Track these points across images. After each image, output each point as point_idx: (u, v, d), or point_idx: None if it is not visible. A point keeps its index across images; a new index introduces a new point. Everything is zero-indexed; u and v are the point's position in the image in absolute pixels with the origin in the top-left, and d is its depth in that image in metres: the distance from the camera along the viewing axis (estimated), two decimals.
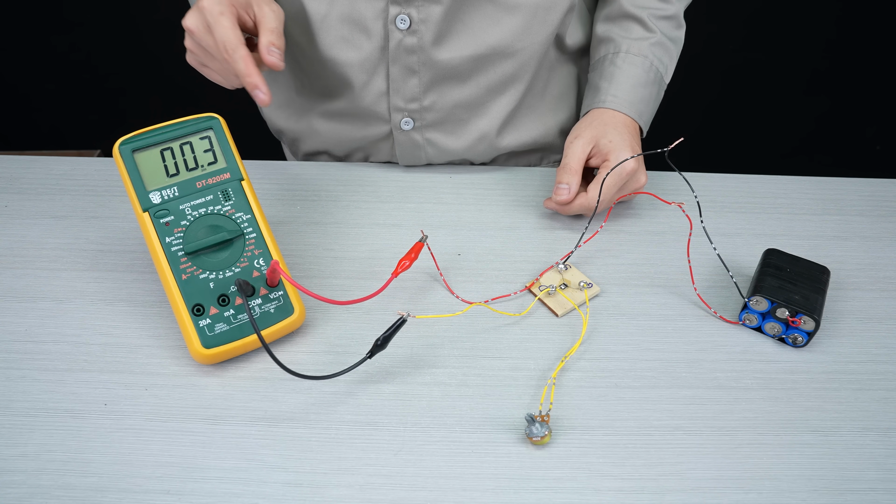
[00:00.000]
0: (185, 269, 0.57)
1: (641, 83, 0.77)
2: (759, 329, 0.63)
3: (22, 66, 1.80)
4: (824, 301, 0.62)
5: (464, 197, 0.77)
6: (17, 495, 0.50)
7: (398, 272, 0.61)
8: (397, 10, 0.71)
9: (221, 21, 0.61)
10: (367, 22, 0.72)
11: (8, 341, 0.61)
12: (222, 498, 0.50)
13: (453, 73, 0.76)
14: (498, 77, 0.78)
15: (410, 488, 0.51)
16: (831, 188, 0.80)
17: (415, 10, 0.71)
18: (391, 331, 0.56)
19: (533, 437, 0.53)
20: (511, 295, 0.66)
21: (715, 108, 1.83)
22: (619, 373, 0.60)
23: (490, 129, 0.81)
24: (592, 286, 0.66)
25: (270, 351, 0.54)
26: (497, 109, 0.80)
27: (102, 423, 0.55)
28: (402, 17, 0.71)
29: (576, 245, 0.70)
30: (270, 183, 0.78)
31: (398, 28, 0.72)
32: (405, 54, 0.74)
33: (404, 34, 0.72)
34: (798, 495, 0.52)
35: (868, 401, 0.58)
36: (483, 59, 0.75)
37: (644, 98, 0.77)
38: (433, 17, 0.72)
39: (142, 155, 0.58)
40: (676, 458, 0.54)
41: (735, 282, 0.65)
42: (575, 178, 0.71)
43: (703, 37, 1.23)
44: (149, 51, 1.74)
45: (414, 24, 0.72)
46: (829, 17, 1.75)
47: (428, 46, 0.73)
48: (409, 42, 0.73)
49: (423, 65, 0.75)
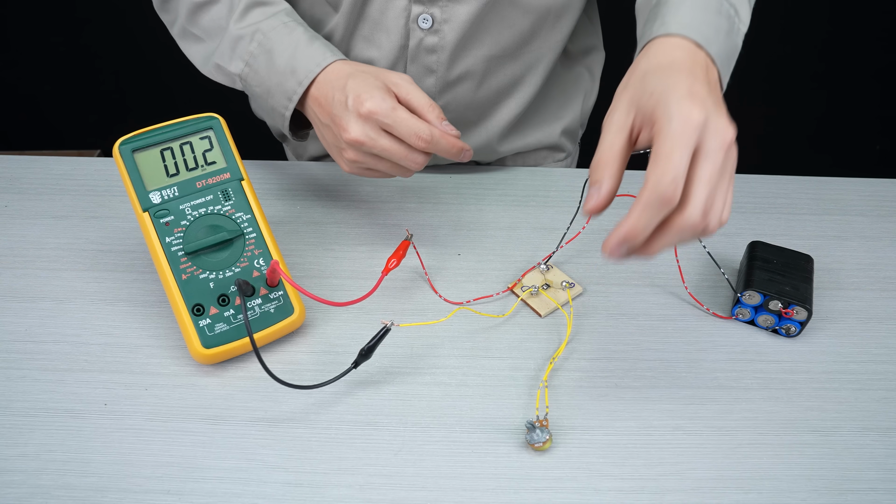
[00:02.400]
0: (185, 269, 0.57)
1: (701, 6, 0.53)
2: (751, 322, 0.64)
3: (22, 66, 1.80)
4: (813, 289, 0.63)
5: (464, 197, 0.77)
6: (17, 495, 0.50)
7: (387, 271, 0.61)
8: (420, 10, 0.70)
9: (400, 114, 0.59)
10: (387, 21, 0.72)
11: (8, 341, 0.61)
12: (222, 498, 0.50)
13: (469, 74, 0.76)
14: (508, 79, 0.78)
15: (410, 488, 0.51)
16: (831, 188, 0.80)
17: (438, 9, 0.70)
18: (375, 340, 0.56)
19: (535, 444, 0.53)
20: (493, 296, 0.66)
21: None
22: (619, 373, 0.60)
23: (497, 132, 0.81)
24: (575, 286, 0.66)
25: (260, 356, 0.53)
26: (505, 112, 0.80)
27: (102, 423, 0.55)
28: (424, 16, 0.71)
29: (557, 245, 0.70)
30: (270, 183, 0.78)
31: (420, 27, 0.71)
32: (425, 54, 0.73)
33: (426, 34, 0.72)
34: (798, 495, 0.52)
35: (868, 401, 0.58)
36: (496, 60, 0.75)
37: (710, 23, 0.53)
38: (458, 17, 0.71)
39: (142, 155, 0.58)
40: (676, 458, 0.54)
41: (727, 278, 0.65)
42: (609, 172, 0.47)
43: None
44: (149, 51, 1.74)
45: (436, 23, 0.71)
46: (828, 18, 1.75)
47: (449, 46, 0.73)
48: (429, 42, 0.72)
49: (442, 65, 0.74)
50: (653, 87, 0.47)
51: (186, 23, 0.70)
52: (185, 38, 0.72)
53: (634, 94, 0.48)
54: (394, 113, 0.58)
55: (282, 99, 0.64)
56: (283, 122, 0.66)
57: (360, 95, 0.59)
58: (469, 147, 0.62)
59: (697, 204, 0.44)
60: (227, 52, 0.67)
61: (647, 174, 0.44)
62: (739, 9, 0.58)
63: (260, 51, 0.65)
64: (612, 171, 0.47)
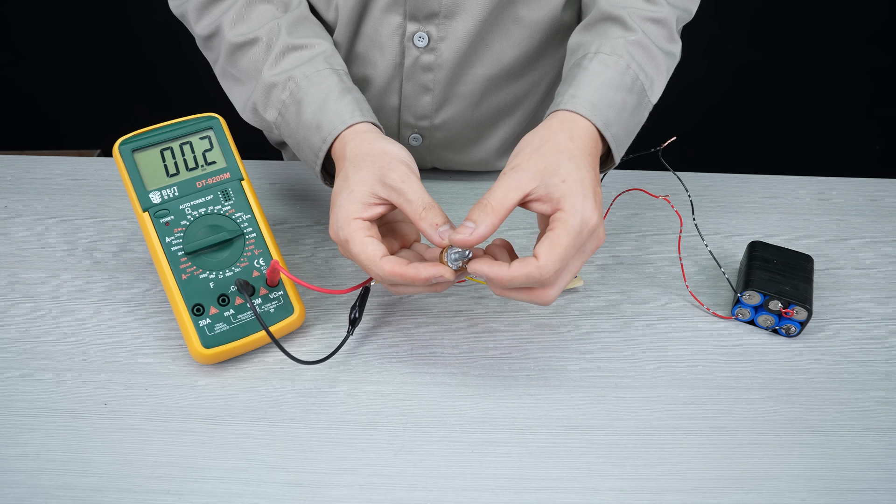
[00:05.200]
0: (185, 268, 0.57)
1: (612, 85, 0.59)
2: (751, 322, 0.64)
3: (22, 66, 1.80)
4: (813, 289, 0.63)
5: (464, 197, 0.77)
6: (17, 495, 0.50)
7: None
8: (415, 28, 0.69)
9: (368, 258, 0.53)
10: (382, 38, 0.70)
11: (8, 341, 0.61)
12: (222, 498, 0.50)
13: (468, 93, 0.74)
14: (510, 98, 0.76)
15: (410, 488, 0.51)
16: (831, 188, 0.80)
17: (434, 27, 0.69)
18: (358, 301, 0.59)
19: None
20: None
21: (715, 108, 1.83)
22: (619, 373, 0.60)
23: (494, 149, 0.80)
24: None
25: (276, 340, 0.54)
26: (503, 130, 0.79)
27: (102, 423, 0.55)
28: (420, 34, 0.69)
29: None
30: (270, 183, 0.78)
31: (416, 45, 0.70)
32: (421, 72, 0.72)
33: (421, 52, 0.70)
34: (798, 495, 0.52)
35: (868, 401, 0.58)
36: (498, 79, 0.74)
37: (614, 103, 0.58)
38: (455, 35, 0.69)
39: (142, 155, 0.58)
40: (676, 458, 0.54)
41: (727, 278, 0.65)
42: (490, 220, 0.51)
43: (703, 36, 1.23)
44: (149, 51, 1.74)
45: (433, 41, 0.70)
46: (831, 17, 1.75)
47: (447, 65, 0.71)
48: (425, 60, 0.71)
49: (439, 83, 0.73)
50: (564, 173, 0.52)
51: (226, 63, 0.67)
52: (226, 79, 0.69)
53: (546, 168, 0.53)
54: (361, 255, 0.53)
55: (310, 154, 0.62)
56: (317, 177, 0.65)
57: (339, 220, 0.55)
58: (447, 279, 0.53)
59: (558, 288, 0.53)
60: (261, 98, 0.64)
61: (538, 249, 0.51)
62: (655, 80, 0.63)
63: (291, 101, 0.62)
64: (494, 220, 0.52)
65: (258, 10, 0.66)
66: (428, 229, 0.53)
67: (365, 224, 0.54)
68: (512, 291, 0.53)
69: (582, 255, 0.53)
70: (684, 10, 0.67)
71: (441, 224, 0.53)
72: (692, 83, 1.49)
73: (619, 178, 0.78)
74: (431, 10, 0.68)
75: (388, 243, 0.57)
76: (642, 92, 0.61)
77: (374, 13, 0.69)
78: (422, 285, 0.54)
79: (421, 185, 0.55)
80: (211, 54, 0.70)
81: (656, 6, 0.64)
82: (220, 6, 0.66)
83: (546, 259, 0.50)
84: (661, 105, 0.78)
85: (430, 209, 0.53)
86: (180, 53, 0.72)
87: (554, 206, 0.52)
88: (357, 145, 0.58)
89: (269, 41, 0.64)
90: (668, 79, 0.66)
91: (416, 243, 0.60)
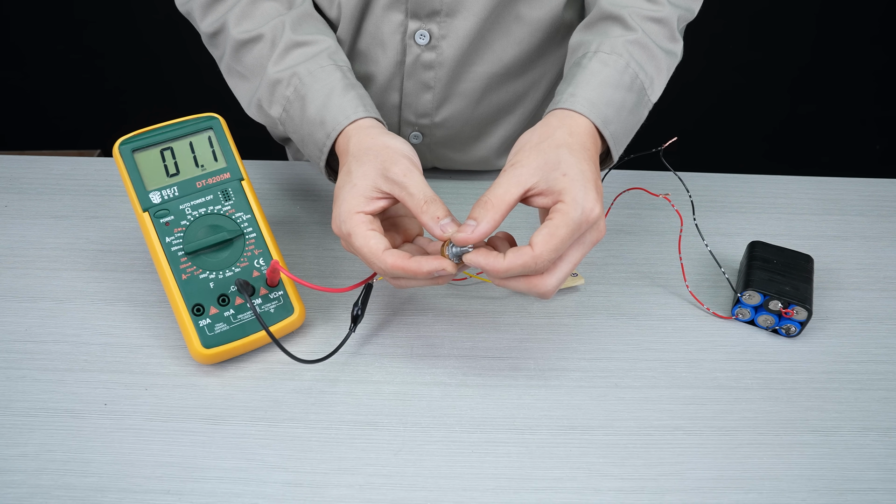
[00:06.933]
0: (185, 268, 0.57)
1: (611, 83, 0.60)
2: (751, 322, 0.64)
3: (22, 67, 1.80)
4: (813, 289, 0.63)
5: (464, 197, 0.77)
6: (17, 495, 0.50)
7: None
8: (417, 25, 0.69)
9: (370, 251, 0.53)
10: (384, 36, 0.71)
11: (8, 341, 0.61)
12: (222, 498, 0.50)
13: (469, 91, 0.74)
14: (510, 96, 0.76)
15: (410, 488, 0.51)
16: (831, 188, 0.80)
17: (436, 25, 0.69)
18: (361, 298, 0.59)
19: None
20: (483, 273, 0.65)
21: (716, 108, 1.83)
22: (619, 373, 0.60)
23: (495, 148, 0.80)
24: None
25: (276, 340, 0.54)
26: (504, 128, 0.79)
27: (102, 423, 0.55)
28: (421, 32, 0.69)
29: None
30: (270, 183, 0.78)
31: (417, 43, 0.70)
32: (422, 70, 0.72)
33: (423, 49, 0.70)
34: (798, 495, 0.52)
35: (868, 401, 0.58)
36: (499, 77, 0.74)
37: (612, 101, 0.59)
38: (457, 33, 0.70)
39: (142, 155, 0.58)
40: (676, 458, 0.54)
41: (727, 277, 0.65)
42: (491, 216, 0.52)
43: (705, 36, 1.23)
44: (149, 50, 1.74)
45: (434, 39, 0.70)
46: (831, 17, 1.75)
47: (448, 63, 0.71)
48: (427, 58, 0.71)
49: (440, 81, 0.73)
50: (566, 167, 0.52)
51: (231, 60, 0.67)
52: (231, 75, 0.69)
53: (546, 163, 0.53)
54: (364, 249, 0.54)
55: (314, 150, 0.62)
56: (321, 173, 0.65)
57: (341, 214, 0.55)
58: (449, 271, 0.53)
59: (557, 278, 0.52)
60: (266, 94, 0.64)
61: (535, 238, 0.50)
62: (655, 79, 0.64)
63: (295, 97, 0.62)
64: (495, 217, 0.52)
65: (263, 7, 0.66)
66: (429, 222, 0.53)
67: (367, 218, 0.54)
68: (510, 280, 0.53)
69: (582, 246, 0.53)
70: (686, 10, 0.67)
71: (442, 217, 0.53)
72: (693, 83, 1.49)
73: (620, 178, 0.78)
74: (433, 8, 0.68)
75: (391, 237, 0.57)
76: (642, 91, 0.62)
77: (375, 11, 0.69)
78: (424, 279, 0.54)
79: (423, 179, 0.55)
80: (216, 51, 0.70)
81: (657, 5, 0.64)
82: (225, 3, 0.67)
83: (541, 248, 0.50)
84: (661, 105, 0.79)
85: (431, 202, 0.53)
86: (180, 52, 0.72)
87: (555, 199, 0.52)
88: (360, 140, 0.58)
89: (273, 38, 0.64)
90: (670, 78, 0.66)
91: (418, 237, 0.60)
